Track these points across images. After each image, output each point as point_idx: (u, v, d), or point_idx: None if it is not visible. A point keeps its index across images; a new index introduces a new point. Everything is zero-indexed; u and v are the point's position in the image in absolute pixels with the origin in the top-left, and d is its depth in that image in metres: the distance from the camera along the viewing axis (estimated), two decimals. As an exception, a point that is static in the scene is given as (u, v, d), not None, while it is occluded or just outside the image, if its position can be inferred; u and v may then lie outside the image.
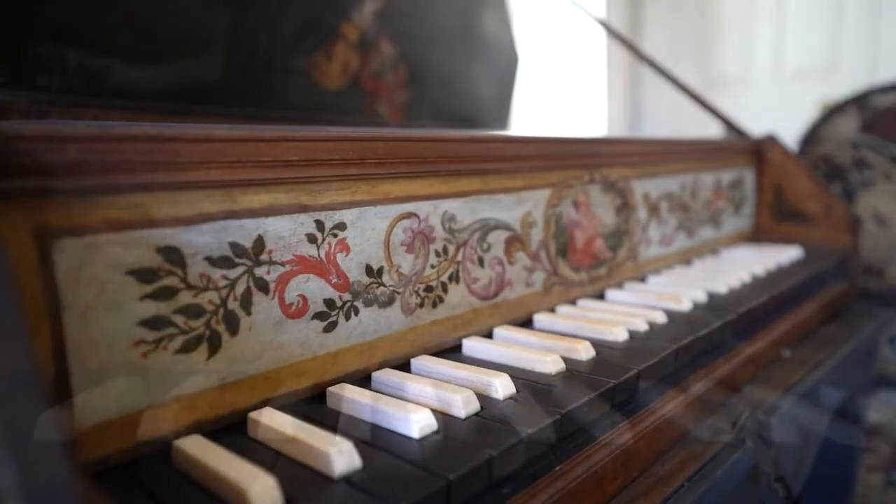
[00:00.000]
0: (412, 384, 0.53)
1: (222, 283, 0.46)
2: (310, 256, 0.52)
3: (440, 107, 1.74)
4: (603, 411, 0.55)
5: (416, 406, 0.48)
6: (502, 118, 1.98)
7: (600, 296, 0.88)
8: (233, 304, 0.47)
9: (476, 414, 0.50)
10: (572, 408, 0.51)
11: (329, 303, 0.54)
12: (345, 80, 1.37)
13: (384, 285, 0.58)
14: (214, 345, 0.46)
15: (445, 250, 0.64)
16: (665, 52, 3.08)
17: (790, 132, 2.02)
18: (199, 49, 0.94)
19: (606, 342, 0.68)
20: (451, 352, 0.66)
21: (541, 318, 0.75)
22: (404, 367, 0.61)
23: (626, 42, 1.49)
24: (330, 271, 0.53)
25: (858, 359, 1.11)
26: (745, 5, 2.89)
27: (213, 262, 0.45)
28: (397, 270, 0.60)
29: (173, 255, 0.43)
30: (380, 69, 1.48)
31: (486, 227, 0.69)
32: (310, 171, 0.51)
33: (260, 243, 0.48)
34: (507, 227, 0.72)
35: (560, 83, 2.94)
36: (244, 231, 0.47)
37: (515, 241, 0.73)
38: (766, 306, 0.87)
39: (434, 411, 0.50)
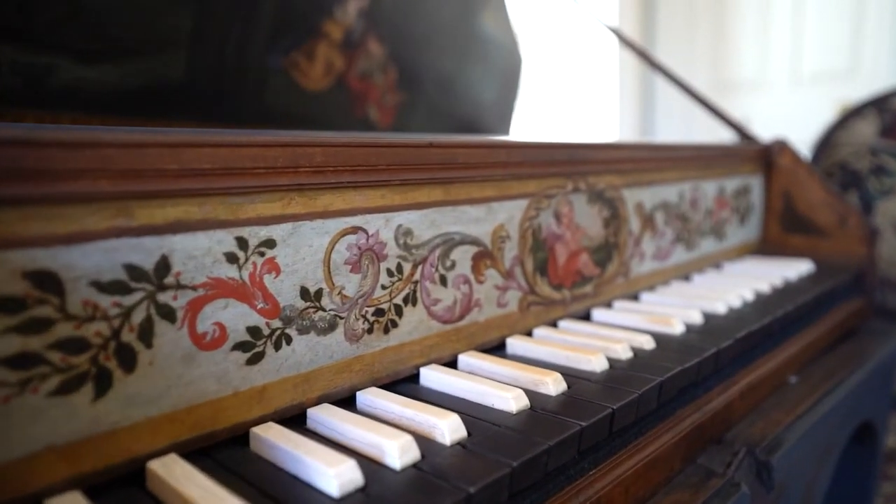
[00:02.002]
0: (347, 425, 0.47)
1: (114, 311, 0.39)
2: (229, 279, 0.45)
3: (436, 110, 1.67)
4: (569, 458, 0.48)
5: (340, 457, 0.41)
6: (505, 122, 1.91)
7: (586, 316, 0.81)
8: (128, 336, 0.40)
9: (414, 465, 0.43)
10: (530, 457, 0.44)
11: (254, 331, 0.47)
12: (329, 81, 1.30)
13: (323, 309, 0.52)
14: (103, 384, 0.39)
15: (400, 269, 0.58)
16: (679, 54, 2.99)
17: (808, 136, 1.93)
18: (158, 46, 0.88)
19: (583, 373, 0.60)
20: (409, 381, 0.60)
21: (514, 343, 0.68)
22: (349, 400, 0.54)
23: (636, 49, 1.42)
24: (255, 295, 0.47)
25: (875, 381, 1.02)
26: (762, 5, 2.80)
27: (101, 287, 0.39)
28: (340, 292, 0.53)
29: (46, 280, 0.37)
30: (368, 70, 1.41)
31: (450, 243, 0.62)
32: (228, 182, 0.45)
33: (164, 264, 0.42)
34: (474, 242, 0.65)
35: (572, 88, 2.87)
36: (144, 251, 0.41)
37: (485, 258, 0.66)
38: (769, 329, 0.79)
39: (366, 459, 0.43)
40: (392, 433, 0.44)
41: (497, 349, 0.69)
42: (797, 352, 0.87)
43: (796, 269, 1.05)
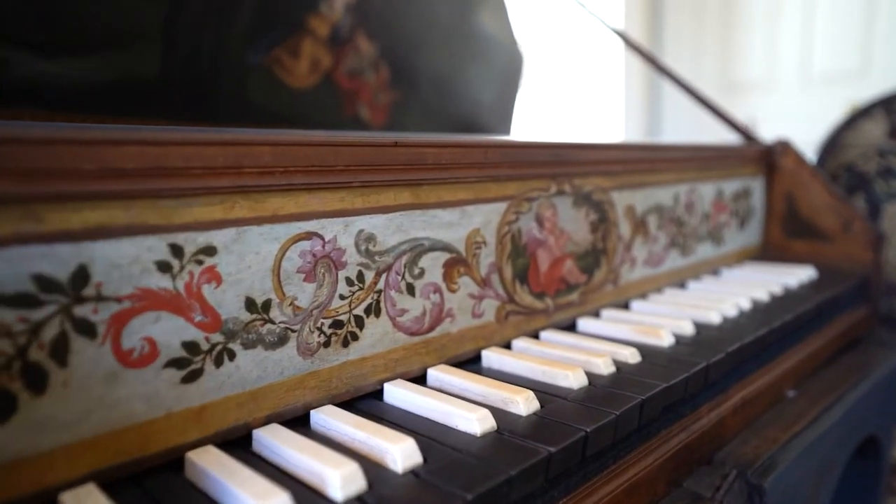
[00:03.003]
0: (291, 450, 0.43)
1: (19, 327, 0.35)
2: (161, 290, 0.41)
3: (432, 110, 1.63)
4: (534, 487, 0.44)
5: (273, 489, 0.37)
6: (505, 123, 1.87)
7: (572, 326, 0.76)
8: (37, 355, 0.36)
9: (358, 497, 0.39)
10: (488, 488, 0.40)
11: (190, 346, 0.43)
12: (315, 79, 1.26)
13: (272, 322, 0.48)
14: (6, 408, 0.35)
15: (361, 277, 0.54)
16: (687, 55, 2.94)
17: (817, 138, 1.87)
18: (127, 40, 0.84)
19: (559, 390, 0.56)
20: (373, 398, 0.55)
21: (490, 356, 0.64)
22: (304, 419, 0.50)
23: (641, 51, 1.37)
24: (191, 307, 0.43)
25: (880, 394, 0.98)
26: (771, 4, 2.74)
27: (3, 300, 0.35)
28: (292, 303, 0.49)
29: (-64, 294, 0.33)
30: (357, 68, 1.37)
31: (419, 249, 0.58)
32: (157, 183, 0.41)
33: (82, 274, 0.38)
34: (446, 249, 0.61)
35: (577, 89, 2.82)
36: (57, 259, 0.37)
37: (458, 265, 0.62)
38: (765, 340, 0.74)
39: (307, 489, 0.39)
40: (336, 461, 0.40)
41: (472, 362, 0.65)
42: (796, 364, 0.82)
43: (797, 275, 1.00)
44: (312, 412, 0.50)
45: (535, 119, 2.55)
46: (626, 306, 0.84)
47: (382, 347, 0.56)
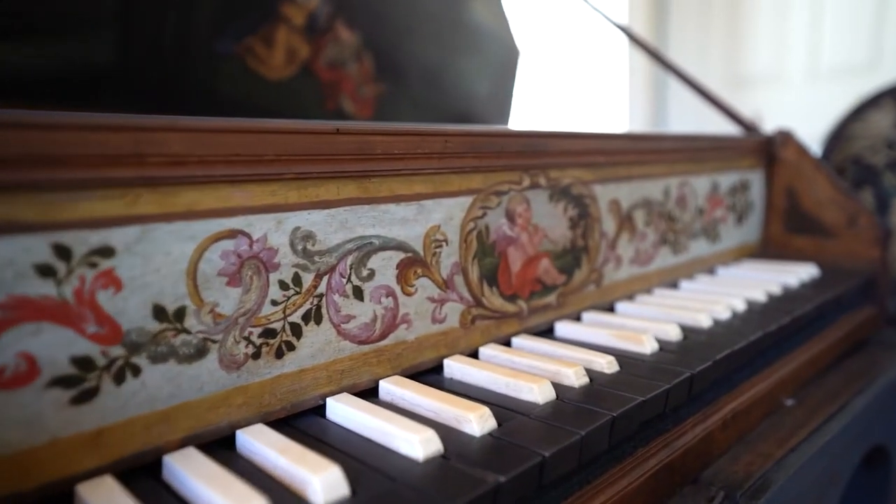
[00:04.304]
0: (195, 480, 0.37)
1: None
2: (41, 297, 0.36)
3: (423, 103, 1.57)
4: (481, 522, 0.38)
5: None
6: (502, 116, 1.81)
7: (550, 330, 0.71)
8: None
9: (263, 540, 0.33)
10: (420, 527, 0.34)
11: (82, 362, 0.37)
12: (293, 70, 1.21)
13: (188, 332, 0.42)
14: None
15: (297, 280, 0.48)
16: (693, 47, 2.86)
17: (826, 132, 1.80)
18: (75, 24, 0.79)
19: (522, 405, 0.50)
20: (315, 414, 0.50)
21: (452, 366, 0.58)
22: (228, 441, 0.45)
23: (643, 45, 1.30)
24: (83, 317, 0.37)
25: (888, 400, 0.91)
26: (779, -5, 2.66)
27: None
28: (212, 310, 0.43)
29: None
30: (339, 58, 1.32)
31: (368, 248, 0.52)
32: (37, 173, 0.35)
33: (-61, 281, 0.32)
34: (400, 248, 0.55)
35: (580, 83, 2.75)
36: None
37: (415, 265, 0.56)
38: (759, 345, 0.68)
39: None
40: (243, 496, 0.35)
41: (435, 372, 0.59)
42: (795, 370, 0.76)
43: (798, 273, 0.94)
44: (238, 433, 0.44)
45: (537, 114, 2.49)
46: (611, 309, 0.78)
47: (325, 358, 0.50)
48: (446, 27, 1.60)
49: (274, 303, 0.47)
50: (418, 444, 0.42)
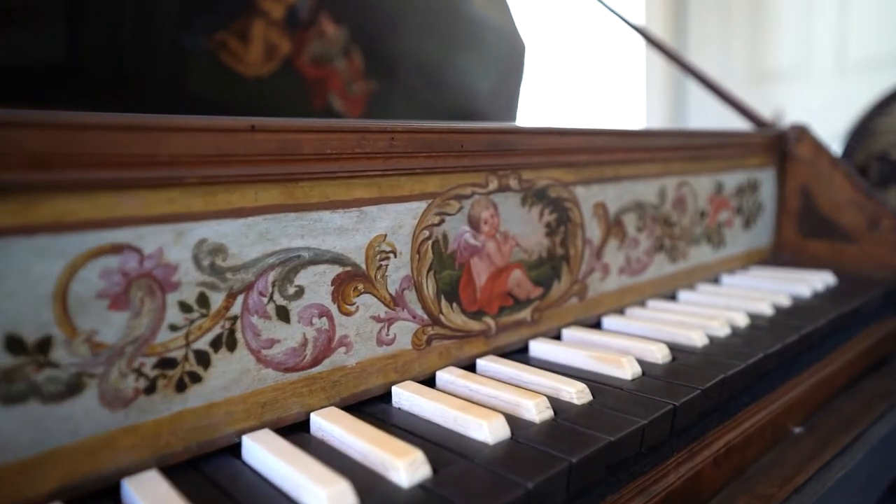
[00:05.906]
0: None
1: None
2: None
3: (419, 100, 1.50)
4: None
5: None
6: (507, 114, 1.74)
7: (524, 349, 0.63)
8: None
9: None
10: None
11: (-90, 406, 0.31)
12: (273, 66, 1.15)
13: (55, 365, 0.36)
14: None
15: (204, 301, 0.41)
16: (713, 43, 2.76)
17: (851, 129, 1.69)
18: (19, 17, 0.73)
19: (469, 446, 0.43)
20: (230, 454, 0.43)
21: (401, 394, 0.51)
22: (113, 490, 0.38)
23: (658, 44, 1.22)
24: (-89, 352, 0.31)
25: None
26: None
27: None
28: (89, 339, 0.37)
29: None
30: (324, 54, 1.25)
31: (295, 262, 0.46)
32: None
33: None
34: (336, 261, 0.48)
35: (597, 79, 2.66)
36: None
37: (355, 280, 0.49)
38: (758, 369, 0.60)
39: None
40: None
41: (384, 399, 0.52)
42: (803, 393, 0.68)
43: (811, 282, 0.85)
44: (123, 482, 0.38)
45: (551, 114, 2.41)
46: (597, 324, 0.71)
47: (241, 389, 0.43)
48: (442, 19, 1.53)
49: (173, 328, 0.40)
50: (325, 502, 0.35)
